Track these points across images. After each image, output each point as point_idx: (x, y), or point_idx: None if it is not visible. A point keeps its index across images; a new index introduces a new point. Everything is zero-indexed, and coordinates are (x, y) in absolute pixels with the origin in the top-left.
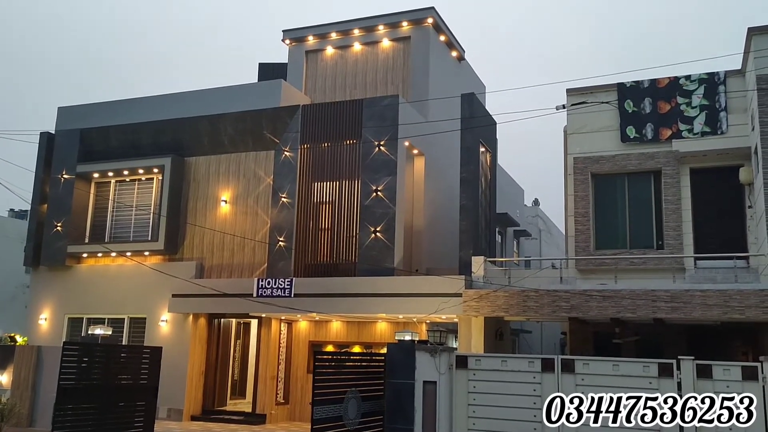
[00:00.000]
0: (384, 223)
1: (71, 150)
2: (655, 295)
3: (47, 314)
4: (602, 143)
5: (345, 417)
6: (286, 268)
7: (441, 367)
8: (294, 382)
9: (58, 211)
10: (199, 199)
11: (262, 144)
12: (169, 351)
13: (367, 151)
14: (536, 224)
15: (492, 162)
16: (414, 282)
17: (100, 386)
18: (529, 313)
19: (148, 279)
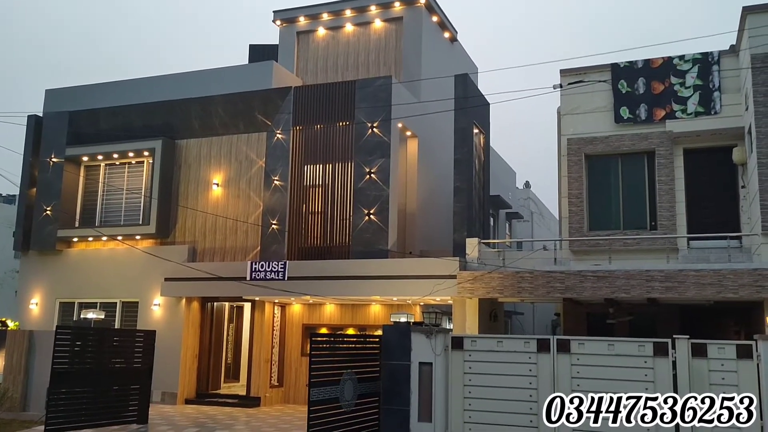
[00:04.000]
0: (377, 205)
1: (60, 133)
2: (650, 275)
3: (38, 299)
4: (596, 124)
5: (341, 398)
6: (280, 251)
7: (437, 349)
8: (288, 365)
9: (48, 195)
10: (190, 183)
11: (253, 126)
12: (162, 335)
13: (360, 133)
14: (528, 207)
15: (485, 144)
16: (408, 264)
17: (93, 370)
18: (524, 294)
19: (140, 263)
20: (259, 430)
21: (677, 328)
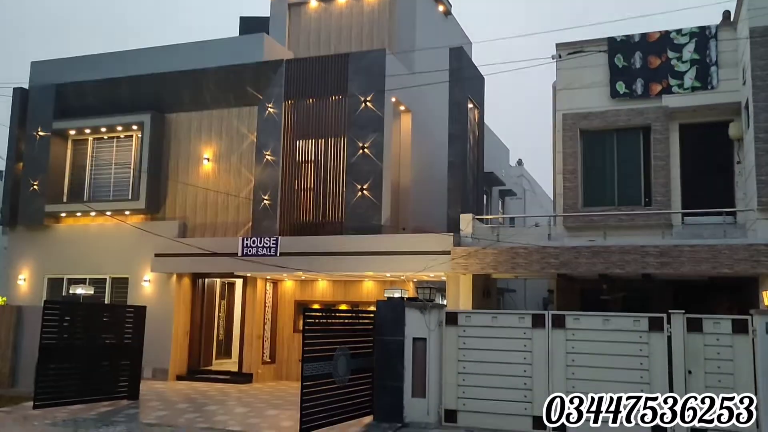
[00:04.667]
0: (371, 180)
1: (46, 106)
2: (645, 251)
3: (26, 275)
4: (591, 99)
5: (335, 374)
6: (271, 227)
7: (431, 324)
8: (280, 341)
9: (35, 169)
10: (180, 157)
11: (244, 100)
12: (152, 311)
13: (353, 107)
14: (521, 184)
15: (480, 118)
16: (402, 240)
17: (83, 345)
18: (518, 270)
19: (130, 238)
20: (251, 405)
21: (671, 305)
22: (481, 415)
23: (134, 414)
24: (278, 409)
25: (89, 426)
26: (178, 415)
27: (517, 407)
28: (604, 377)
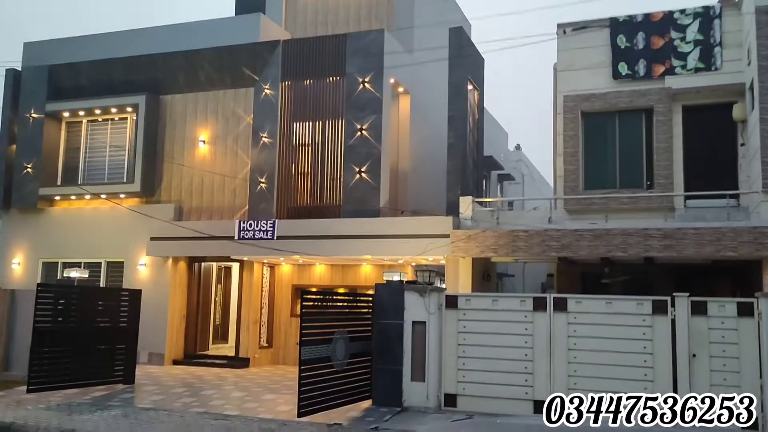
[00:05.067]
0: (369, 163)
1: (39, 88)
2: (647, 234)
3: (20, 259)
4: (593, 80)
5: (333, 357)
6: (268, 211)
7: (430, 307)
8: (277, 326)
9: (28, 151)
10: (176, 139)
11: (241, 81)
12: (148, 295)
13: (351, 89)
14: (519, 169)
15: (479, 100)
16: (400, 223)
17: (77, 329)
18: (519, 253)
19: (125, 222)
20: (248, 390)
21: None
22: (482, 400)
23: (130, 398)
24: (275, 394)
25: (83, 410)
26: (174, 400)
27: (517, 391)
28: (606, 361)
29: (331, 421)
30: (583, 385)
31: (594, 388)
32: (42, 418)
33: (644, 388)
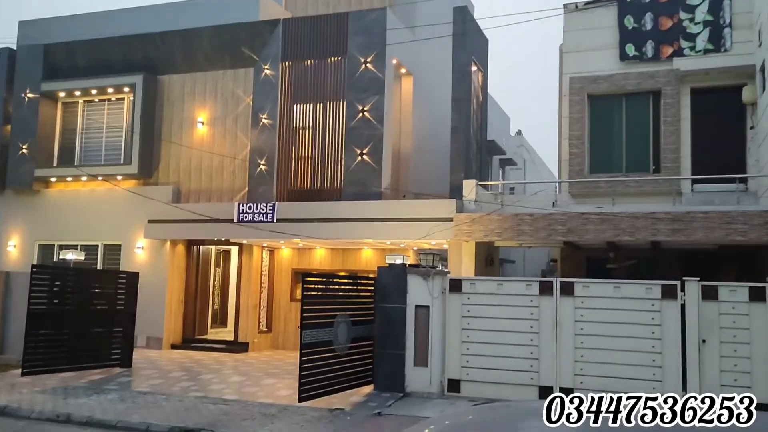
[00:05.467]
0: (371, 145)
1: (34, 67)
2: (655, 217)
3: (16, 241)
4: (600, 62)
5: (335, 341)
6: (268, 193)
7: (434, 291)
8: (277, 310)
9: (23, 132)
10: (174, 120)
11: (240, 61)
12: (146, 279)
13: (352, 69)
14: (521, 154)
15: (483, 82)
16: (403, 206)
17: (73, 311)
18: (524, 237)
19: (123, 204)
20: (247, 374)
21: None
22: (486, 385)
23: (127, 382)
24: (275, 378)
25: (79, 394)
26: (172, 384)
27: (523, 377)
28: (614, 346)
29: (332, 406)
30: (590, 370)
31: (601, 373)
32: (36, 402)
33: (652, 374)
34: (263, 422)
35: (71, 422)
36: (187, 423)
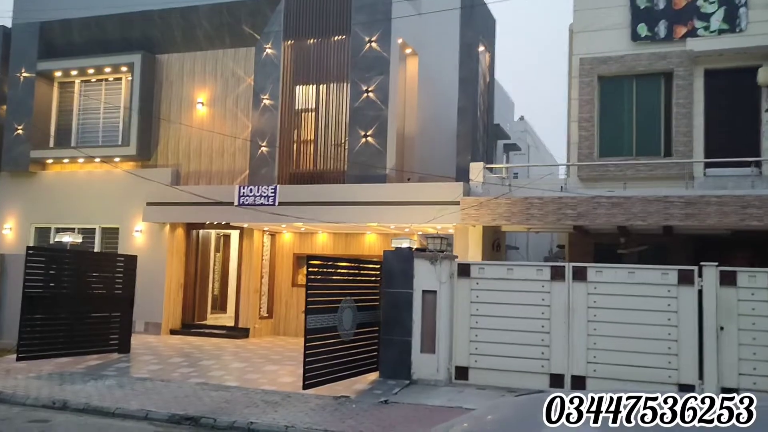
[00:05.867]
0: (375, 126)
1: (30, 45)
2: (668, 202)
3: (12, 224)
4: (611, 43)
5: (340, 327)
6: (269, 176)
7: (442, 276)
8: (278, 296)
9: (19, 112)
10: (173, 101)
11: (241, 40)
12: (144, 263)
13: (356, 48)
14: (525, 140)
15: (491, 62)
16: (408, 189)
17: (70, 295)
18: (533, 221)
19: (121, 186)
20: (248, 361)
21: (690, 260)
22: (495, 373)
23: (125, 368)
24: (277, 365)
25: (76, 380)
26: (171, 370)
27: (533, 364)
28: (628, 334)
29: (337, 394)
30: (603, 358)
31: (614, 361)
32: (32, 388)
33: (668, 362)
34: (266, 410)
35: (67, 409)
36: (187, 410)
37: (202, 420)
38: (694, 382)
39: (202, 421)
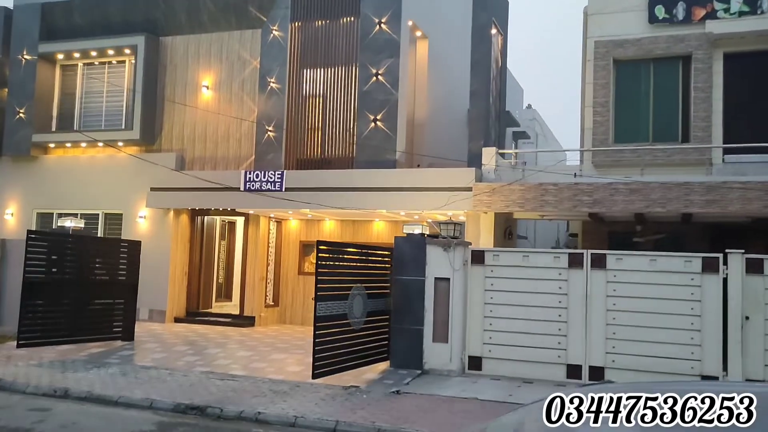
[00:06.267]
0: (385, 111)
1: (31, 27)
2: (689, 188)
3: (13, 209)
4: (627, 25)
5: (350, 315)
6: (276, 161)
7: (455, 263)
8: (284, 284)
9: (20, 95)
10: (177, 84)
11: (247, 22)
12: (148, 250)
13: (366, 30)
14: (533, 128)
15: (503, 46)
16: (418, 175)
17: (72, 281)
18: (547, 208)
19: (124, 171)
20: (255, 349)
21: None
22: (509, 363)
23: (129, 356)
24: (285, 353)
25: (78, 367)
26: (176, 358)
27: (549, 355)
28: (649, 323)
29: (346, 384)
30: (623, 349)
31: (635, 352)
32: (32, 376)
33: (690, 353)
34: (274, 400)
35: (69, 397)
36: (193, 400)
37: (208, 410)
38: (718, 373)
39: (208, 411)
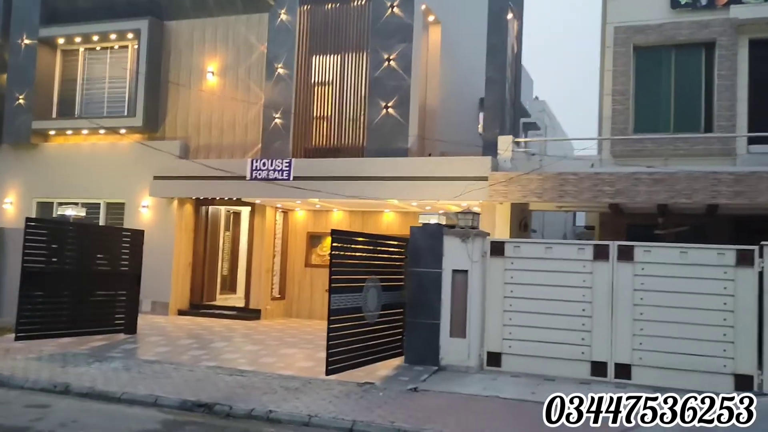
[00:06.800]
0: (397, 97)
1: (32, 10)
2: (717, 178)
3: (13, 198)
4: (648, 10)
5: (365, 308)
6: (283, 149)
7: (473, 255)
8: (291, 276)
9: (20, 81)
10: (181, 70)
11: (253, 5)
12: (152, 240)
13: (377, 14)
14: (542, 119)
15: (519, 31)
16: (431, 164)
17: (73, 271)
18: (567, 198)
19: (126, 159)
20: (262, 343)
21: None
22: (530, 359)
23: (132, 349)
24: (294, 348)
25: (79, 361)
26: (181, 352)
27: (572, 351)
28: (678, 319)
29: (361, 380)
30: (651, 345)
31: (663, 349)
32: (31, 370)
33: (723, 350)
34: (286, 397)
35: (70, 393)
36: (200, 396)
37: (216, 407)
38: (752, 372)
39: (216, 409)
